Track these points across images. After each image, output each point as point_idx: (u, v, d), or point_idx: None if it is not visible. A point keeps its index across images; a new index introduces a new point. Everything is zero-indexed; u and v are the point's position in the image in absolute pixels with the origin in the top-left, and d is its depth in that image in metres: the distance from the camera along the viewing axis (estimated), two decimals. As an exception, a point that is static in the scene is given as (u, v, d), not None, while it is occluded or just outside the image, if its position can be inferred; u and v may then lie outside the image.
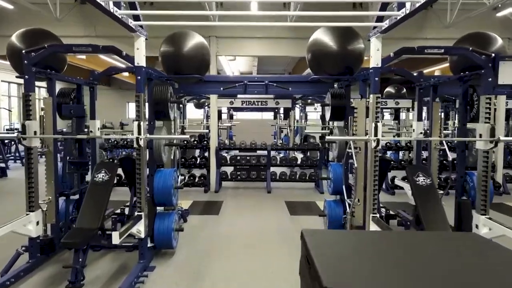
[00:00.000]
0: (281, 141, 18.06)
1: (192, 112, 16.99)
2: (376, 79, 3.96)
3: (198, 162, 8.45)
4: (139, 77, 3.96)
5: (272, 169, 8.63)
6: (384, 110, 18.36)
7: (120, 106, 22.73)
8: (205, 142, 8.62)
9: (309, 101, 17.55)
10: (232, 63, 17.20)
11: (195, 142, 8.70)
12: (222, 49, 8.29)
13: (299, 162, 8.83)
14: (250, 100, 11.58)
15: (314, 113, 21.92)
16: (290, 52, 8.45)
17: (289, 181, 8.65)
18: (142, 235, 3.98)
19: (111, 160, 8.28)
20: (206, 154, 8.65)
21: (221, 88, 5.36)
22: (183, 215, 5.91)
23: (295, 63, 17.31)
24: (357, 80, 4.71)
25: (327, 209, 5.18)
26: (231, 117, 18.32)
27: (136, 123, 3.94)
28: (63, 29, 7.83)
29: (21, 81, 4.11)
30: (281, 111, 17.35)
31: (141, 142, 3.91)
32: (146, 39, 4.06)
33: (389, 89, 12.33)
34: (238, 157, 9.25)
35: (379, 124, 3.92)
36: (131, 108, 22.91)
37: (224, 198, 7.70)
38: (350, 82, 4.97)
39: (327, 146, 11.69)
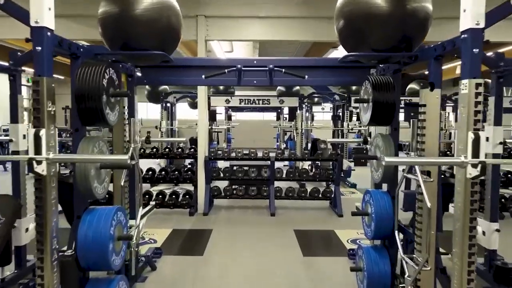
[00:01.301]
0: (284, 145, 16.28)
1: (190, 112, 15.21)
2: (476, 50, 2.15)
3: (182, 175, 6.64)
4: (39, 48, 2.16)
5: (276, 183, 6.83)
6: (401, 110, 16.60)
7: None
8: (192, 150, 6.81)
9: (315, 100, 15.75)
10: (230, 55, 15.41)
11: (179, 150, 6.89)
12: (214, 32, 6.48)
13: (310, 174, 7.00)
14: (249, 99, 9.80)
15: (320, 113, 20.09)
16: (300, 35, 6.62)
17: (298, 199, 6.83)
18: (46, 336, 2.18)
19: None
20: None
21: (203, 76, 3.56)
22: (149, 261, 4.11)
23: (305, 53, 15.40)
24: (419, 60, 2.91)
25: (365, 260, 3.37)
26: (229, 118, 16.54)
27: (31, 132, 2.13)
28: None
29: None
30: (285, 111, 15.52)
31: (41, 168, 2.11)
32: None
33: (413, 85, 10.52)
34: (235, 168, 7.47)
35: (483, 135, 2.11)
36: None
37: (214, 225, 5.88)
38: (404, 64, 3.16)
39: (339, 152, 9.89)
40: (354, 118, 10.10)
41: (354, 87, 10.57)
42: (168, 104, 10.58)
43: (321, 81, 3.83)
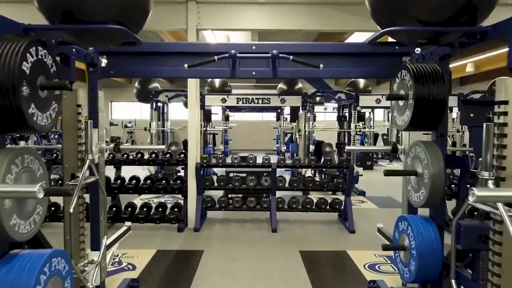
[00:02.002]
0: (284, 147, 15.45)
1: (185, 112, 14.36)
2: None
3: (170, 185, 5.77)
4: None
5: (278, 193, 5.98)
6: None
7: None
8: (182, 155, 5.95)
9: (317, 99, 14.90)
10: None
11: (167, 156, 6.01)
12: (206, 20, 5.61)
13: (317, 182, 6.13)
14: (248, 97, 8.95)
15: (322, 114, 19.22)
16: (305, 23, 5.75)
17: (302, 211, 5.98)
18: None
19: None
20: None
21: (185, 65, 2.71)
22: (120, 301, 3.26)
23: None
24: (488, 39, 2.06)
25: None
26: (226, 118, 15.72)
27: None
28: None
29: None
30: (286, 111, 14.67)
31: None
32: None
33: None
34: (231, 175, 6.65)
35: None
36: (116, 108, 20.41)
37: (205, 244, 5.03)
38: (459, 46, 2.31)
39: (348, 157, 9.10)
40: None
41: (362, 85, 9.74)
42: (160, 104, 9.72)
43: (340, 72, 2.97)
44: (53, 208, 5.38)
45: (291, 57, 2.71)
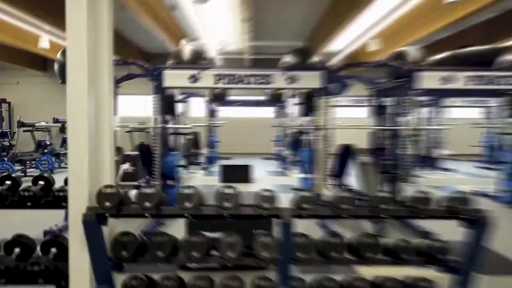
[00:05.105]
0: (286, 151, 12.01)
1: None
2: None
3: (29, 263, 2.30)
4: None
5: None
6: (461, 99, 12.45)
7: (60, 98, 16.58)
8: (61, 192, 2.45)
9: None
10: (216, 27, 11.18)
11: (37, 187, 2.53)
12: None
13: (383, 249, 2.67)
14: (233, 75, 5.53)
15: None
16: None
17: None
18: None
19: None
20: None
21: None
22: None
23: (316, 27, 11.08)
24: None
25: None
26: (211, 114, 12.31)
27: None
28: None
29: None
30: (291, 101, 11.22)
31: None
32: None
33: None
34: (193, 224, 3.25)
35: None
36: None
37: None
38: None
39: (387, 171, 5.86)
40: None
41: (414, 56, 6.32)
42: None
43: None
44: None
45: None
